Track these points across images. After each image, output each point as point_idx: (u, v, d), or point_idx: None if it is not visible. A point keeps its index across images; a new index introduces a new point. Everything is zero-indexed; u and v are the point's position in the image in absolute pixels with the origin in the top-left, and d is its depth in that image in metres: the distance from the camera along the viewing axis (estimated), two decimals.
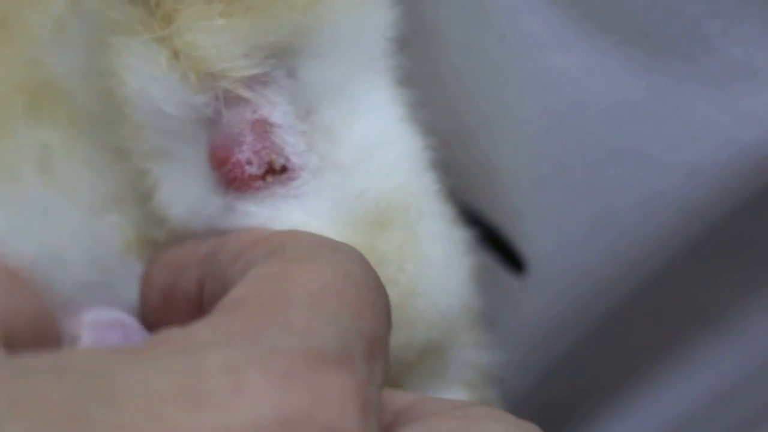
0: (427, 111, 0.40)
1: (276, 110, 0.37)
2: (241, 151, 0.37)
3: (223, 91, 0.36)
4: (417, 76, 0.40)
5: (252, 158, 0.37)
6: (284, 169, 0.37)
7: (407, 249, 0.38)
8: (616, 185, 0.49)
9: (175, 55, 0.36)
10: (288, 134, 0.37)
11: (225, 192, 0.37)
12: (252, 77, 0.36)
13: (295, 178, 0.37)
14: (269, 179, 0.37)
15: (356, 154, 0.38)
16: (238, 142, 0.37)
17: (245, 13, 0.36)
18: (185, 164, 0.37)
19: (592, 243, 0.50)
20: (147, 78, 0.36)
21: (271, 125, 0.37)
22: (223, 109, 0.36)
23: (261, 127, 0.37)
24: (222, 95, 0.36)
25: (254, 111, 0.37)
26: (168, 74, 0.36)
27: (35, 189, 0.38)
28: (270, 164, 0.37)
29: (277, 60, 0.37)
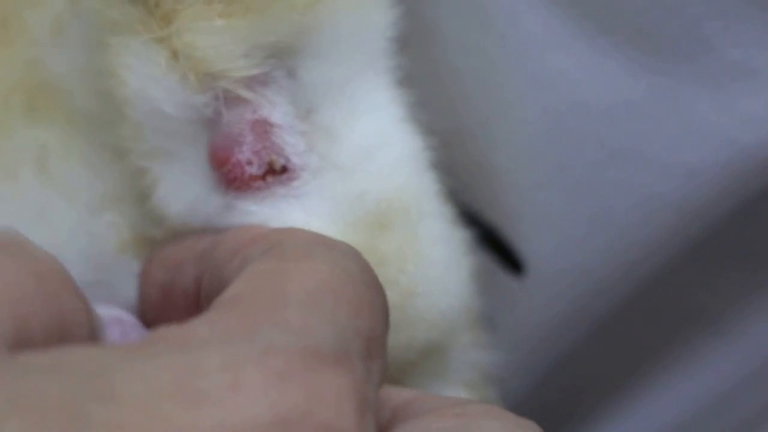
0: (427, 111, 0.40)
1: (276, 110, 0.37)
2: (241, 152, 0.37)
3: (223, 92, 0.36)
4: (416, 76, 0.40)
5: (252, 158, 0.37)
6: (284, 170, 0.37)
7: (408, 250, 0.38)
8: (616, 186, 0.49)
9: (175, 56, 0.36)
10: (288, 134, 0.37)
11: (225, 192, 0.37)
12: (252, 77, 0.36)
13: (296, 179, 0.37)
14: (269, 179, 0.37)
15: (357, 155, 0.38)
16: (238, 143, 0.37)
17: (245, 14, 0.36)
18: (185, 164, 0.37)
19: (592, 243, 0.50)
20: (146, 78, 0.36)
21: (271, 125, 0.37)
22: (223, 110, 0.36)
23: (261, 128, 0.37)
24: (222, 95, 0.36)
25: (254, 111, 0.37)
26: (167, 74, 0.36)
27: (32, 189, 0.38)
28: (270, 164, 0.37)
29: (277, 60, 0.37)
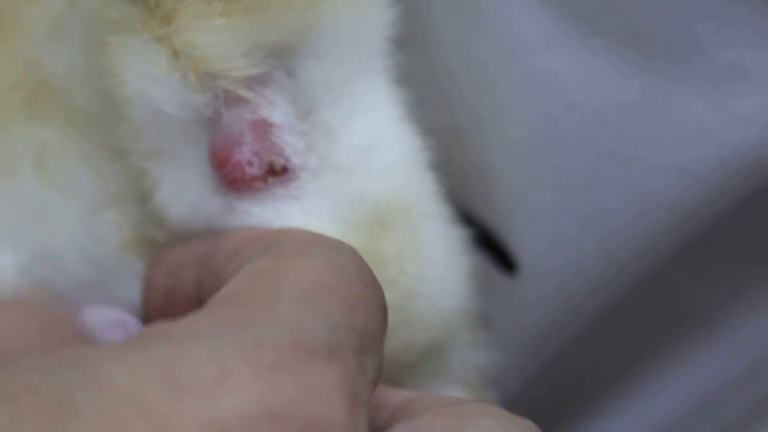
0: (422, 110, 0.40)
1: (276, 110, 0.37)
2: (242, 152, 0.36)
3: (223, 91, 0.36)
4: (411, 76, 0.40)
5: (252, 159, 0.37)
6: (285, 170, 0.37)
7: (408, 250, 0.38)
8: (608, 185, 0.49)
9: (175, 55, 0.35)
10: (288, 135, 0.37)
11: (225, 193, 0.37)
12: (252, 77, 0.36)
13: (296, 179, 0.37)
14: (270, 180, 0.37)
15: (356, 155, 0.38)
16: (239, 143, 0.36)
17: (245, 13, 0.36)
18: (185, 164, 0.37)
19: (584, 243, 0.50)
20: (146, 78, 0.36)
21: (271, 125, 0.37)
22: (223, 110, 0.36)
23: (261, 128, 0.37)
24: (222, 95, 0.36)
25: (254, 111, 0.37)
26: (168, 74, 0.36)
27: (32, 187, 0.38)
28: (270, 165, 0.37)
29: (277, 60, 0.37)
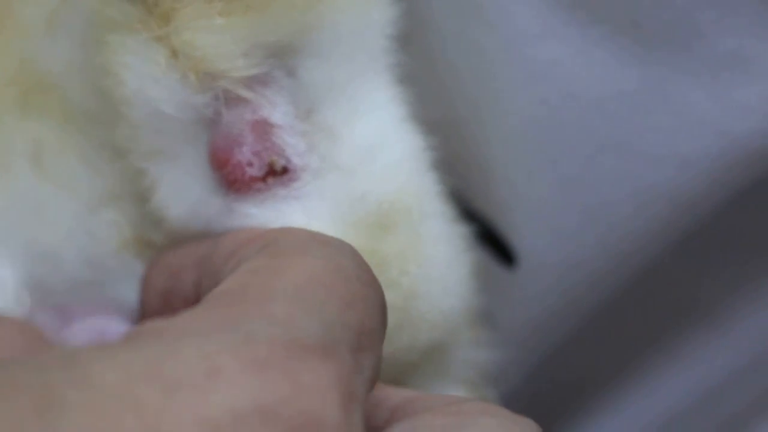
0: (421, 103, 0.40)
1: (276, 111, 0.37)
2: (242, 153, 0.36)
3: (223, 91, 0.36)
4: (410, 68, 0.40)
5: (252, 159, 0.36)
6: (285, 170, 0.37)
7: (410, 251, 0.38)
8: (608, 177, 0.49)
9: (174, 55, 0.35)
10: (288, 135, 0.37)
11: (225, 193, 0.37)
12: (252, 77, 0.36)
13: (296, 179, 0.37)
14: (270, 181, 0.37)
15: (358, 155, 0.38)
16: (239, 143, 0.36)
17: (245, 12, 0.35)
18: (184, 165, 0.37)
19: (584, 235, 0.50)
20: (145, 77, 0.35)
21: (272, 126, 0.36)
22: (223, 110, 0.36)
23: (261, 128, 0.36)
24: (222, 95, 0.36)
25: (254, 111, 0.36)
26: (167, 74, 0.35)
27: (28, 183, 0.38)
28: (271, 165, 0.37)
29: (277, 59, 0.36)
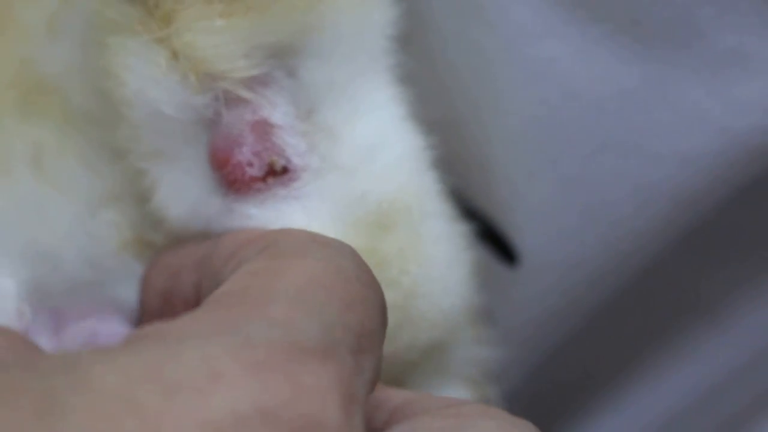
0: (421, 103, 0.40)
1: (276, 111, 0.37)
2: (242, 153, 0.36)
3: (223, 92, 0.36)
4: (412, 70, 0.40)
5: (252, 160, 0.36)
6: (285, 171, 0.37)
7: (410, 250, 0.38)
8: (608, 175, 0.49)
9: (175, 56, 0.35)
10: (289, 135, 0.37)
11: (225, 194, 0.37)
12: (252, 78, 0.36)
13: (296, 179, 0.37)
14: (270, 181, 0.37)
15: (358, 155, 0.38)
16: (239, 144, 0.36)
17: (245, 13, 0.35)
18: (185, 165, 0.37)
19: (584, 234, 0.50)
20: (146, 79, 0.35)
21: (272, 126, 0.36)
22: (223, 110, 0.36)
23: (261, 128, 0.36)
24: (222, 96, 0.36)
25: (254, 112, 0.36)
26: (167, 75, 0.35)
27: (28, 184, 0.38)
28: (271, 165, 0.37)
29: (278, 60, 0.36)
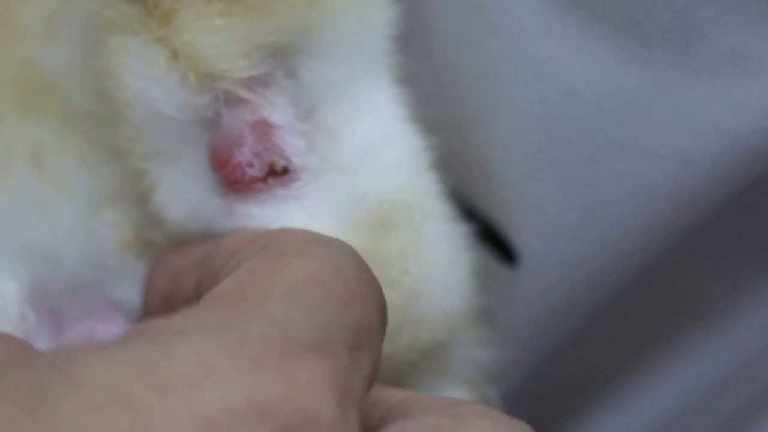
0: (421, 103, 0.40)
1: (276, 111, 0.37)
2: (242, 153, 0.36)
3: (223, 92, 0.36)
4: (412, 70, 0.40)
5: (253, 160, 0.36)
6: (285, 171, 0.37)
7: (411, 250, 0.38)
8: (608, 176, 0.49)
9: (174, 56, 0.35)
10: (289, 135, 0.37)
11: (225, 194, 0.37)
12: (252, 78, 0.36)
13: (297, 180, 0.37)
14: (270, 181, 0.37)
15: (358, 155, 0.38)
16: (239, 144, 0.36)
17: (245, 13, 0.35)
18: (185, 166, 0.37)
19: (584, 234, 0.50)
20: (146, 79, 0.35)
21: (272, 126, 0.36)
22: (223, 110, 0.36)
23: (261, 129, 0.36)
24: (222, 96, 0.36)
25: (254, 112, 0.36)
26: (167, 75, 0.35)
27: (27, 183, 0.38)
28: (271, 166, 0.37)
29: (278, 60, 0.36)
